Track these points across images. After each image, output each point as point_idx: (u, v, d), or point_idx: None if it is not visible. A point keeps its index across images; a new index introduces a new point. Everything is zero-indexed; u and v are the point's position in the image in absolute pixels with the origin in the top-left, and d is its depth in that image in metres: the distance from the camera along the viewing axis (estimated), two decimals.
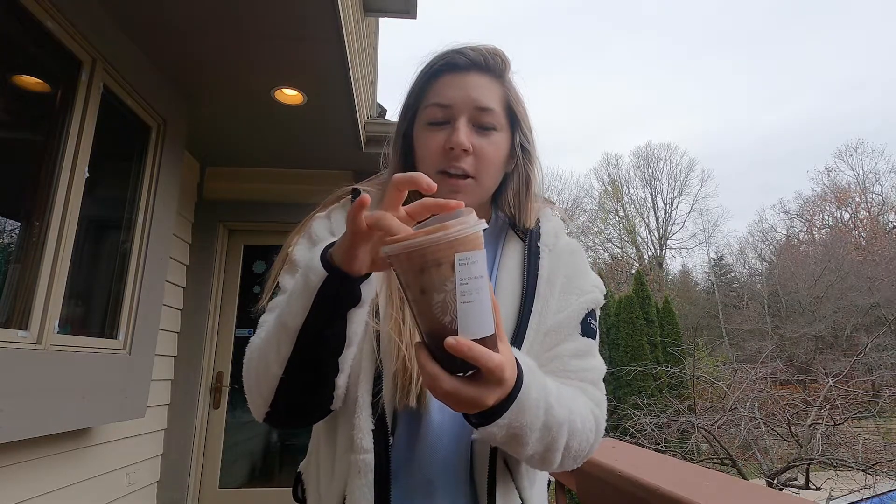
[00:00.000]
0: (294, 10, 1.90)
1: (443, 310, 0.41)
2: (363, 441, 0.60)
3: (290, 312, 0.53)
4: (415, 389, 0.62)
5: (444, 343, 0.40)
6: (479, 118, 0.68)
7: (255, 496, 3.10)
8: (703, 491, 0.51)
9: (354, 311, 0.53)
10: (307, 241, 0.71)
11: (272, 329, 0.56)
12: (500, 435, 0.52)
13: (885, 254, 20.53)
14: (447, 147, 0.66)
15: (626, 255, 28.95)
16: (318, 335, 0.53)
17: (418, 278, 0.41)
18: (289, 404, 0.58)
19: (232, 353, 3.24)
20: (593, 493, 0.79)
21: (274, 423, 0.60)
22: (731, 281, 27.27)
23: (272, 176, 3.38)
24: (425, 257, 0.40)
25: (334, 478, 0.63)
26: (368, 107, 3.20)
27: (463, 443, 0.64)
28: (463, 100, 0.67)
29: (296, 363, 0.54)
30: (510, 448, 0.56)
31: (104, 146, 1.99)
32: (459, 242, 0.40)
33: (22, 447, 1.75)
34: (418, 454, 0.64)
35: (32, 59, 1.76)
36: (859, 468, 5.55)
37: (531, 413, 0.52)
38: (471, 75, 0.68)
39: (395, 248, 0.41)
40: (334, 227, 0.72)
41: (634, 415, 7.56)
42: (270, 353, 0.55)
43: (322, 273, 0.50)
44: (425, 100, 0.70)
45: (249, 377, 0.60)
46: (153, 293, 2.36)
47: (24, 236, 1.73)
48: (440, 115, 0.68)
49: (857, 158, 28.92)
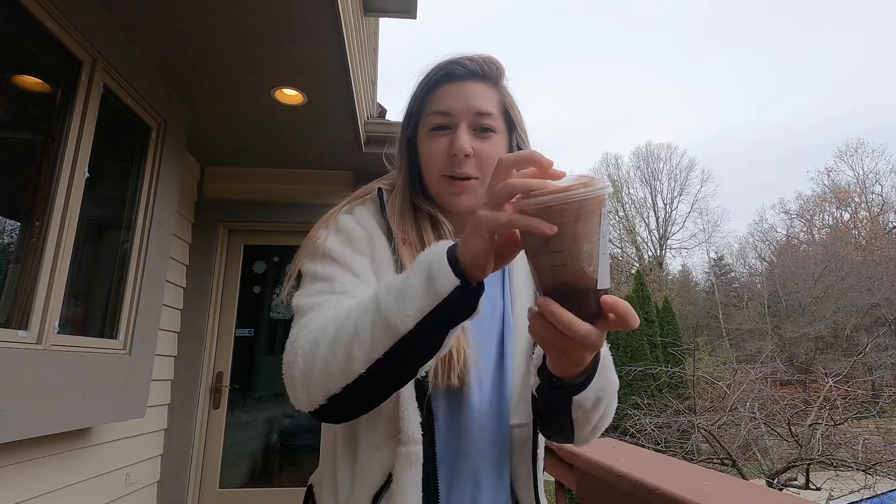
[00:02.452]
0: (294, 10, 1.90)
1: (588, 260, 0.44)
2: (413, 432, 0.61)
3: (402, 313, 0.50)
4: (457, 368, 0.65)
5: (595, 294, 0.44)
6: (478, 122, 0.72)
7: (255, 496, 3.10)
8: (703, 491, 0.51)
9: (461, 323, 0.52)
10: (338, 235, 0.72)
11: (364, 322, 0.53)
12: (590, 399, 0.58)
13: (885, 254, 20.53)
14: (450, 153, 0.70)
15: (626, 255, 28.94)
16: (422, 341, 0.51)
17: (573, 228, 0.43)
18: (354, 402, 0.56)
19: (232, 353, 3.24)
20: (593, 493, 0.79)
21: (322, 415, 0.59)
22: (731, 281, 27.27)
23: (272, 176, 3.38)
24: (582, 207, 0.43)
25: (357, 482, 0.64)
26: (368, 107, 3.20)
27: (503, 431, 0.68)
28: (463, 107, 0.72)
29: (385, 365, 0.52)
30: (588, 416, 0.61)
31: (104, 146, 1.99)
32: (604, 197, 0.43)
33: (22, 447, 1.75)
34: (463, 443, 0.66)
35: (32, 59, 1.75)
36: (859, 468, 5.54)
37: (608, 374, 0.61)
38: (469, 84, 0.73)
39: (558, 198, 0.43)
40: (359, 221, 0.74)
41: (634, 415, 7.56)
42: (357, 348, 0.53)
43: (454, 281, 0.49)
44: (427, 108, 0.75)
45: (313, 366, 0.56)
46: (153, 293, 2.36)
47: (24, 236, 1.72)
48: (442, 121, 0.73)
49: (857, 158, 28.95)
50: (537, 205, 0.44)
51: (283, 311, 3.41)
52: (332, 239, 0.71)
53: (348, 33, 2.16)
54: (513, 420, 0.69)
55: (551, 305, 0.45)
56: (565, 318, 0.44)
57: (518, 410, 0.70)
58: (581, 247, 0.43)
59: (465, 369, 0.65)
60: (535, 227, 0.43)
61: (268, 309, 3.41)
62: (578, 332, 0.44)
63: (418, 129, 0.77)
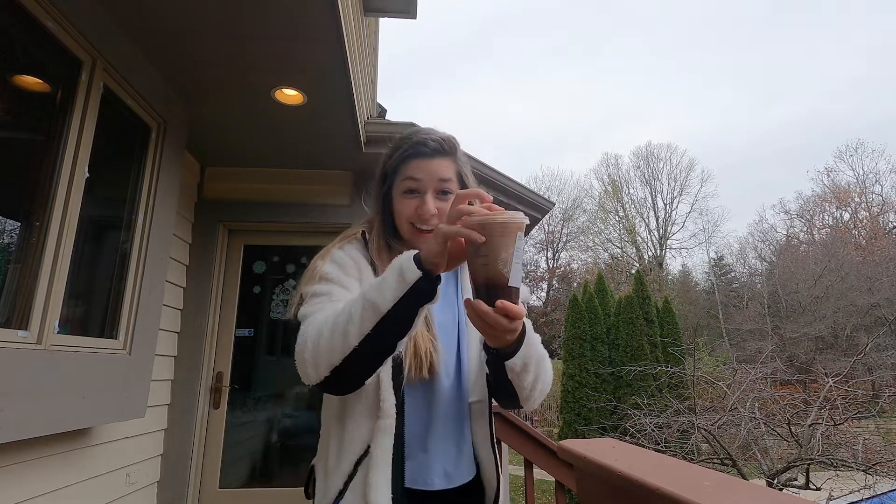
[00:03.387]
0: (294, 10, 1.90)
1: (503, 264, 0.67)
2: (389, 409, 0.84)
3: (382, 299, 0.71)
4: (425, 364, 0.88)
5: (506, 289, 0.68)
6: (440, 187, 0.97)
7: (255, 496, 3.10)
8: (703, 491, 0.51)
9: (427, 305, 0.73)
10: (332, 264, 0.93)
11: (355, 309, 0.74)
12: (518, 364, 0.82)
13: (885, 254, 20.52)
14: (419, 212, 0.96)
15: (626, 255, 28.95)
16: (398, 318, 0.72)
17: (496, 241, 0.67)
18: (350, 372, 0.76)
19: (232, 353, 3.24)
20: (593, 494, 0.79)
21: (328, 386, 0.79)
22: (731, 281, 27.28)
23: (272, 176, 3.38)
24: (506, 226, 0.67)
25: (343, 450, 0.86)
26: (368, 107, 3.20)
27: (464, 406, 0.95)
28: (429, 177, 0.96)
29: (372, 338, 0.73)
30: (520, 378, 0.85)
31: (104, 146, 1.99)
32: (521, 224, 0.69)
33: (22, 447, 1.75)
34: (434, 418, 0.91)
35: (32, 59, 1.75)
36: (859, 468, 5.53)
37: (533, 346, 0.84)
38: (434, 160, 0.97)
39: (488, 219, 0.67)
40: (349, 254, 0.96)
41: (634, 415, 7.55)
42: (351, 327, 0.73)
43: (417, 273, 0.71)
44: (401, 174, 0.98)
45: (319, 346, 0.76)
46: (153, 293, 2.36)
47: (24, 236, 1.72)
48: (414, 186, 0.97)
49: (857, 158, 28.95)
50: (476, 222, 0.68)
51: (282, 311, 3.41)
52: (328, 266, 0.93)
53: (348, 33, 2.16)
54: (471, 398, 0.95)
55: (474, 304, 0.69)
56: (482, 309, 0.68)
57: (475, 389, 0.96)
58: (499, 253, 0.67)
59: (433, 364, 0.90)
60: (471, 235, 0.67)
61: (268, 309, 3.41)
62: (491, 319, 0.68)
63: (392, 188, 1.00)
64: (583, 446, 0.87)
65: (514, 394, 0.88)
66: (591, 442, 0.92)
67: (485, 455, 0.96)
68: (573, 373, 11.19)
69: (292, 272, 3.46)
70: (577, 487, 1.05)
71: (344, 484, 0.85)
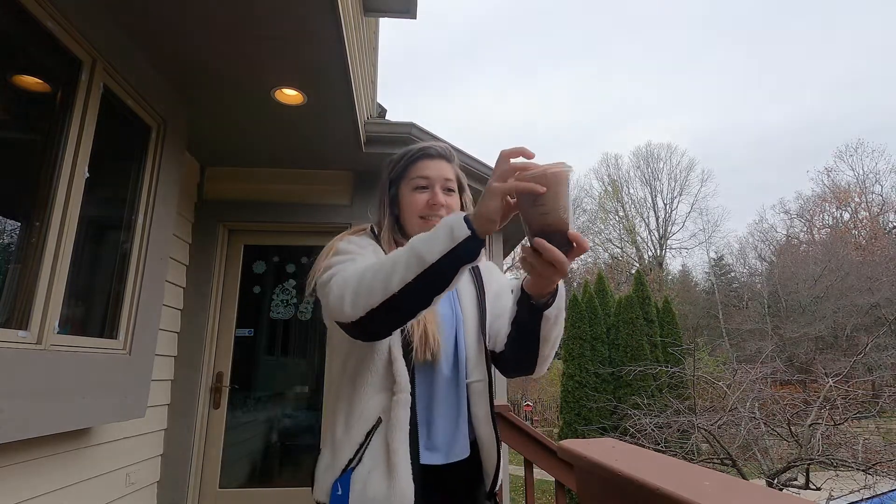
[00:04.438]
0: (294, 10, 1.90)
1: (564, 210, 0.72)
2: (405, 384, 0.93)
3: (429, 251, 0.75)
4: (431, 347, 0.97)
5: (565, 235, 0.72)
6: (445, 185, 1.10)
7: (255, 496, 3.10)
8: (703, 491, 0.51)
9: (466, 266, 0.76)
10: (351, 244, 1.01)
11: (400, 257, 0.78)
12: (553, 313, 0.90)
13: (885, 254, 20.50)
14: (430, 203, 1.07)
15: (626, 255, 28.94)
16: (440, 273, 0.75)
17: (554, 189, 0.70)
18: (383, 317, 0.81)
19: (232, 353, 3.24)
20: (593, 494, 0.79)
21: (358, 326, 0.84)
22: (731, 281, 27.27)
23: (272, 176, 3.38)
24: (557, 176, 0.70)
25: (352, 423, 0.93)
26: (368, 107, 3.20)
27: (462, 387, 1.03)
28: (437, 175, 1.09)
29: (412, 287, 0.76)
30: (552, 330, 0.92)
31: (104, 146, 1.99)
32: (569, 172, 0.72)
33: (22, 447, 1.75)
34: (435, 396, 1.00)
35: (32, 59, 1.75)
36: (859, 468, 5.53)
37: (562, 297, 0.91)
38: (439, 161, 1.11)
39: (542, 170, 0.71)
40: (354, 244, 1.02)
41: (634, 415, 7.55)
42: (394, 274, 0.77)
43: (467, 232, 0.74)
44: (410, 174, 1.10)
45: (360, 285, 0.81)
46: (153, 293, 2.36)
47: (24, 236, 1.72)
48: (423, 184, 1.09)
49: (857, 158, 28.95)
50: (531, 176, 0.71)
51: (283, 311, 3.41)
52: (345, 244, 1.01)
53: (348, 33, 2.16)
54: (469, 379, 1.03)
55: (543, 242, 0.72)
56: (549, 249, 0.72)
57: (475, 371, 1.04)
58: (559, 201, 0.71)
59: (437, 348, 0.99)
60: (532, 188, 0.70)
61: (268, 309, 3.41)
62: (557, 259, 0.72)
63: (401, 188, 1.11)
64: (583, 446, 0.87)
65: (534, 352, 0.95)
66: (591, 442, 0.92)
67: (485, 432, 1.03)
68: (573, 373, 11.19)
69: (292, 272, 3.45)
70: (577, 487, 1.05)
71: (355, 453, 0.91)
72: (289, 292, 3.42)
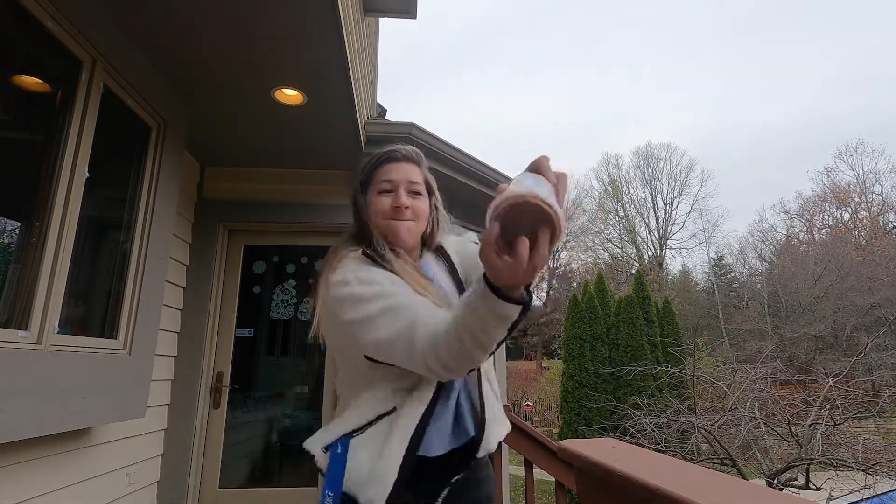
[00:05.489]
0: (294, 10, 1.90)
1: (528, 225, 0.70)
2: (428, 383, 0.98)
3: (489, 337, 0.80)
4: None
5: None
6: (410, 188, 1.11)
7: (255, 496, 3.10)
8: (704, 491, 0.51)
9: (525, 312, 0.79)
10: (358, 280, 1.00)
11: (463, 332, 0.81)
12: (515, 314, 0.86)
13: (885, 254, 20.51)
14: (394, 205, 1.08)
15: (626, 255, 28.96)
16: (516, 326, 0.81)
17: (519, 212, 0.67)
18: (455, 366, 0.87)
19: (232, 353, 3.24)
20: (593, 494, 0.79)
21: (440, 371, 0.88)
22: (731, 281, 27.28)
23: (272, 176, 3.38)
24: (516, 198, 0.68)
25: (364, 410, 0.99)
26: (368, 107, 3.20)
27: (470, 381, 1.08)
28: (401, 178, 1.10)
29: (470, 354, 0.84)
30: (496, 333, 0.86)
31: (104, 146, 1.99)
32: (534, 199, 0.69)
33: (22, 447, 1.75)
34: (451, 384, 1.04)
35: (32, 59, 1.75)
36: (859, 468, 5.53)
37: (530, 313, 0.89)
38: (405, 164, 1.12)
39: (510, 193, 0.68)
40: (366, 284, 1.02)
41: (634, 415, 7.55)
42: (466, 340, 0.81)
43: (518, 309, 0.76)
44: (376, 178, 1.12)
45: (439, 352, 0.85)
46: (153, 293, 2.36)
47: (24, 236, 1.72)
48: (388, 187, 1.10)
49: (857, 158, 28.91)
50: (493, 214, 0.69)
51: (283, 311, 3.41)
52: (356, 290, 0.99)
53: (348, 33, 2.16)
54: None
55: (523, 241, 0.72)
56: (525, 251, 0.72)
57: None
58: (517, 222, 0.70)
59: None
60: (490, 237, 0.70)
61: (268, 309, 3.41)
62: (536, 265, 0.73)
63: (368, 191, 1.13)
64: (583, 446, 0.88)
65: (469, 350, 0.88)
66: (591, 442, 0.92)
67: (490, 413, 1.07)
68: (573, 373, 11.19)
69: (292, 272, 3.45)
70: (578, 487, 1.05)
71: (361, 427, 0.97)
72: (289, 292, 3.42)
